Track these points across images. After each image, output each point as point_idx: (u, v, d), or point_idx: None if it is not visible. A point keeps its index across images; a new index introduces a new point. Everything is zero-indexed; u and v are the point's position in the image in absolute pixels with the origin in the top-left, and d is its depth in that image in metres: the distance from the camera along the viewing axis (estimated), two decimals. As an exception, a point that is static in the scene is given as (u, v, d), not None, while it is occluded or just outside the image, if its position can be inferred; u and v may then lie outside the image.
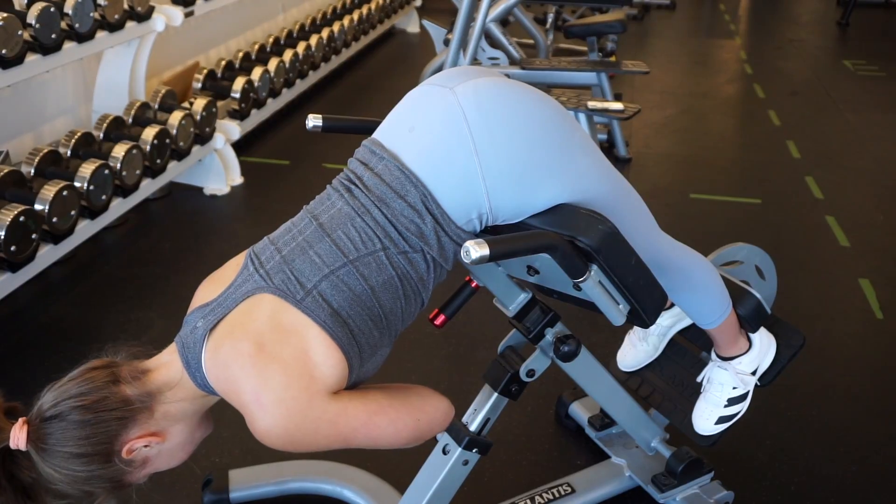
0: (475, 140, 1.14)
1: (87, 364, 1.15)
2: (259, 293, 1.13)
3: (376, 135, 1.25)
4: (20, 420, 1.09)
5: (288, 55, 4.22)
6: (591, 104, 3.38)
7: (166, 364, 1.16)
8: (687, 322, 1.73)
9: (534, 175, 1.17)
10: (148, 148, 3.03)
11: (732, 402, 1.61)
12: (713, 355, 1.64)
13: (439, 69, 3.77)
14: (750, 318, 1.57)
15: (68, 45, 2.70)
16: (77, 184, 2.67)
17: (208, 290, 1.20)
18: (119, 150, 2.89)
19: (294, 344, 1.09)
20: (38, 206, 2.50)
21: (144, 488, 1.27)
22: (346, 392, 1.14)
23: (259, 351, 1.08)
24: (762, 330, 1.63)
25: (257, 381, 1.07)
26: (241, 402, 1.09)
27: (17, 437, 1.07)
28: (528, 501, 1.74)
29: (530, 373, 1.45)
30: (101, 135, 3.05)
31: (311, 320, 1.10)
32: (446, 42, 4.21)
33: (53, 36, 2.60)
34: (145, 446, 1.12)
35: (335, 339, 1.10)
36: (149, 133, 3.05)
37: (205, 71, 3.81)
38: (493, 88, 1.18)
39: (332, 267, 1.13)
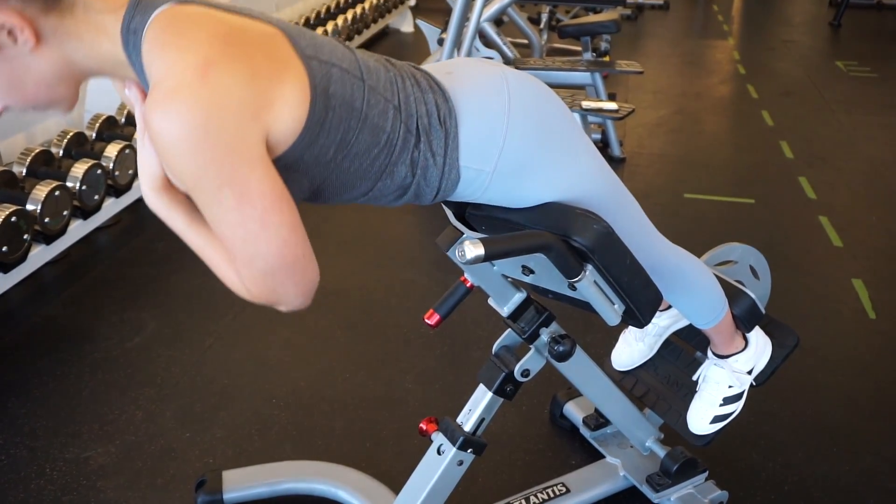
0: (511, 106, 1.13)
1: None
2: (264, 23, 0.97)
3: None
4: None
5: (281, 55, 4.20)
6: (585, 104, 3.38)
7: None
8: (683, 323, 1.73)
9: (540, 163, 1.17)
10: (141, 148, 3.01)
11: (728, 401, 1.61)
12: (709, 353, 1.65)
13: (433, 69, 3.76)
14: (745, 317, 1.58)
15: (60, 45, 2.68)
16: (69, 184, 2.66)
17: None
18: (112, 150, 2.87)
19: (276, 67, 0.93)
20: (30, 207, 2.48)
21: (138, 490, 1.25)
22: None
23: (237, 40, 0.91)
24: (757, 329, 1.63)
25: (219, 53, 0.89)
26: (178, 61, 0.88)
27: None
28: (523, 501, 1.74)
29: (525, 373, 1.45)
30: (94, 134, 3.04)
31: (305, 71, 0.96)
32: (440, 42, 4.20)
33: (45, 35, 2.58)
34: (9, 32, 0.90)
35: (311, 105, 0.96)
36: (142, 133, 3.03)
37: (198, 70, 3.80)
38: (533, 79, 1.21)
39: (350, 69, 1.02)
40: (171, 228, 1.06)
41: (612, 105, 3.40)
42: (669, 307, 1.72)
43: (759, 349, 1.64)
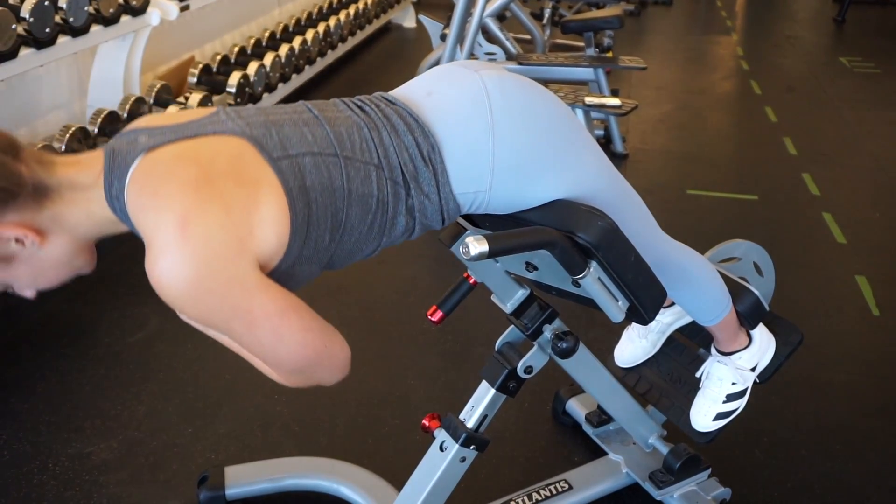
0: (494, 119, 1.12)
1: None
2: (229, 135, 1.00)
3: (389, 92, 1.21)
4: None
5: (284, 50, 4.20)
6: (588, 100, 3.37)
7: (82, 163, 1.01)
8: (687, 320, 1.73)
9: (539, 167, 1.16)
10: (143, 143, 3.01)
11: (731, 398, 1.61)
12: (713, 350, 1.64)
13: (436, 64, 3.76)
14: (748, 314, 1.57)
15: (62, 40, 2.68)
16: (71, 179, 2.66)
17: (158, 118, 1.05)
18: (114, 145, 2.87)
19: (248, 193, 0.96)
20: (32, 202, 2.48)
21: (140, 486, 1.25)
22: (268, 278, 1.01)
23: (207, 181, 0.94)
24: (761, 327, 1.62)
25: (193, 206, 0.92)
26: (160, 223, 0.93)
27: None
28: (526, 498, 1.73)
29: (528, 369, 1.45)
30: (96, 130, 3.04)
31: (278, 181, 0.98)
32: (443, 37, 4.19)
33: (47, 30, 2.58)
34: (16, 240, 0.97)
35: (292, 211, 0.99)
36: (144, 128, 3.03)
37: (200, 65, 3.80)
38: (514, 79, 1.19)
39: (323, 150, 1.04)
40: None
41: (615, 101, 3.39)
42: (673, 304, 1.72)
43: (762, 346, 1.63)
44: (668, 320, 1.75)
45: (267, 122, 1.04)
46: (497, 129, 1.12)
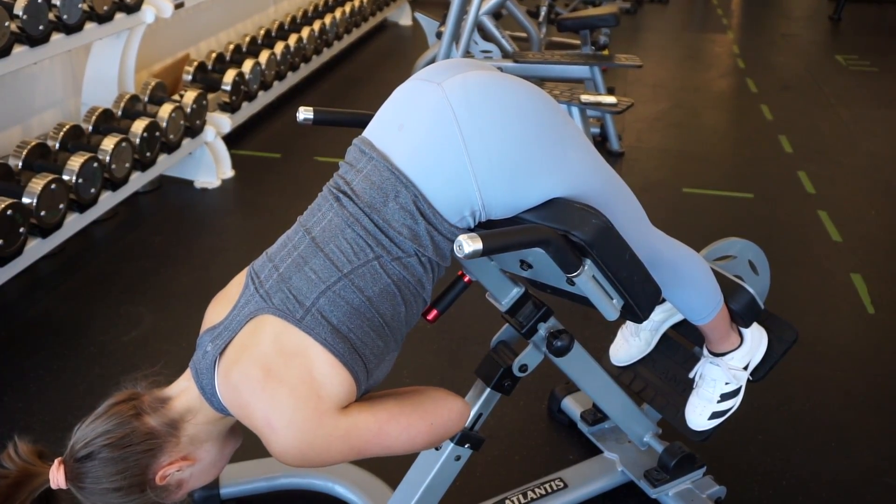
0: (464, 137, 1.12)
1: (110, 400, 1.18)
2: (261, 314, 1.14)
3: (366, 133, 1.23)
4: (56, 461, 1.14)
5: (279, 47, 4.19)
6: (584, 98, 3.37)
7: (184, 390, 1.18)
8: (679, 317, 1.73)
9: (526, 170, 1.16)
10: (137, 141, 3.00)
11: (725, 397, 1.61)
12: (705, 351, 1.64)
13: (431, 62, 3.75)
14: (743, 313, 1.57)
15: (56, 37, 2.67)
16: (66, 177, 2.65)
17: (216, 310, 1.22)
18: (108, 143, 2.86)
19: (299, 365, 1.10)
20: (25, 200, 2.47)
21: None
22: (355, 404, 1.14)
23: (266, 376, 1.09)
24: (754, 324, 1.62)
25: (267, 405, 1.09)
26: (255, 425, 1.11)
27: (56, 478, 1.13)
28: (521, 496, 1.73)
29: (523, 368, 1.45)
30: (90, 127, 3.03)
31: (312, 339, 1.11)
32: (439, 35, 4.19)
33: (41, 27, 2.57)
34: (178, 471, 1.15)
35: (338, 356, 1.11)
36: (138, 126, 3.02)
37: (195, 63, 3.79)
38: (481, 82, 1.16)
39: (328, 283, 1.13)
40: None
41: (611, 99, 3.39)
42: (663, 300, 1.71)
43: (753, 345, 1.63)
44: (659, 317, 1.74)
45: (279, 279, 1.16)
46: (469, 146, 1.12)
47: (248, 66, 3.84)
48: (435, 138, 1.14)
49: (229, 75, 3.68)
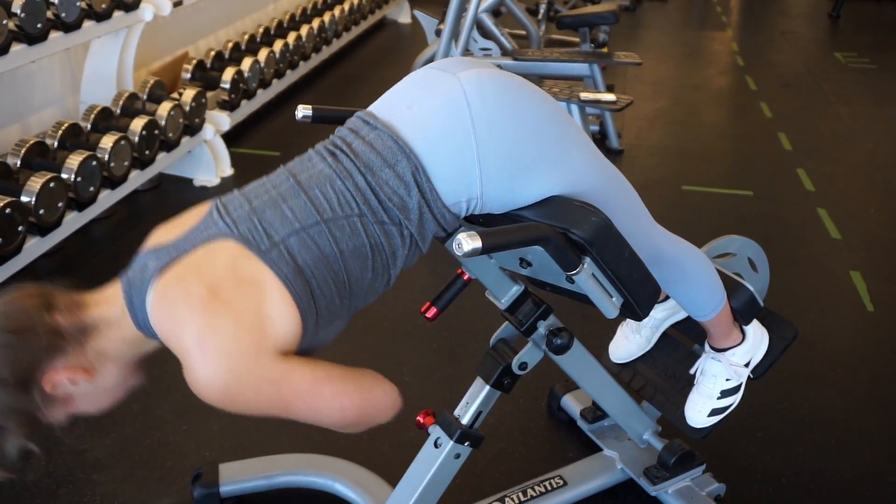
0: (475, 125, 1.12)
1: (19, 289, 1.08)
2: (221, 239, 1.07)
3: (371, 108, 1.22)
4: None
5: (278, 45, 4.19)
6: (584, 95, 3.36)
7: (107, 299, 1.11)
8: (681, 315, 1.73)
9: (528, 166, 1.16)
10: (136, 139, 3.00)
11: (725, 394, 1.61)
12: (706, 347, 1.64)
13: (430, 60, 3.75)
14: (743, 310, 1.57)
15: (54, 35, 2.67)
16: (64, 175, 2.64)
17: (165, 232, 1.13)
18: (107, 142, 2.85)
19: (251, 295, 1.04)
20: (24, 198, 2.47)
21: (134, 483, 1.25)
22: (295, 357, 1.08)
23: (212, 296, 1.02)
24: (755, 322, 1.62)
25: (205, 325, 1.02)
26: (183, 346, 1.02)
27: None
28: (521, 494, 1.73)
29: (522, 366, 1.44)
30: (89, 126, 3.02)
31: (272, 273, 1.05)
32: (438, 33, 4.18)
33: (39, 25, 2.56)
34: (70, 382, 1.06)
35: (294, 296, 1.05)
36: (137, 124, 3.02)
37: (194, 61, 3.78)
38: (495, 77, 1.18)
39: (304, 223, 1.08)
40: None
41: (611, 97, 3.39)
42: (667, 299, 1.72)
43: (755, 342, 1.63)
44: (661, 315, 1.74)
45: (251, 211, 1.10)
46: (479, 135, 1.12)
47: (247, 64, 3.83)
48: (445, 121, 1.13)
49: (228, 73, 3.68)
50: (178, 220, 1.15)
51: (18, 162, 2.69)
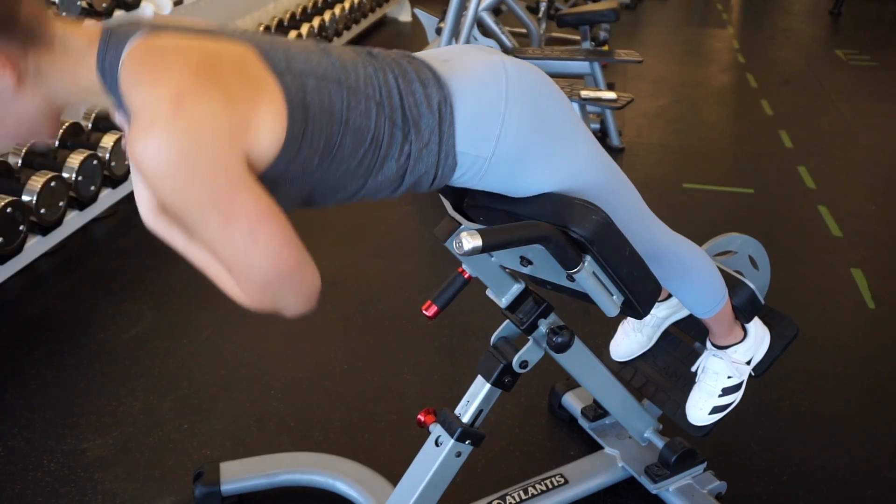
0: (508, 94, 1.12)
1: None
2: (241, 42, 0.99)
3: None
4: None
5: (278, 44, 4.18)
6: (584, 93, 3.36)
7: (80, 29, 0.99)
8: (682, 313, 1.73)
9: (540, 150, 1.16)
10: (137, 138, 2.99)
11: (727, 391, 1.61)
12: (708, 344, 1.64)
13: (431, 58, 3.74)
14: (744, 308, 1.57)
15: (55, 34, 2.66)
16: (65, 174, 2.65)
17: (163, 19, 1.05)
18: (108, 141, 2.86)
19: (249, 90, 0.95)
20: (25, 197, 2.47)
21: (136, 482, 1.25)
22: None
23: (211, 66, 0.93)
24: (756, 320, 1.62)
25: (191, 85, 0.91)
26: (153, 95, 0.90)
27: None
28: (521, 492, 1.73)
29: (523, 364, 1.44)
30: (90, 125, 3.02)
31: (279, 89, 0.97)
32: (438, 31, 4.18)
33: (40, 24, 2.56)
34: None
35: (289, 121, 0.98)
36: (138, 123, 3.02)
37: (194, 60, 3.77)
38: (529, 65, 1.20)
39: (325, 76, 1.03)
40: (172, 247, 1.09)
41: (611, 94, 3.39)
42: (668, 297, 1.72)
43: (757, 339, 1.63)
44: (663, 314, 1.74)
45: (273, 41, 1.03)
46: (510, 107, 1.12)
47: (247, 62, 3.82)
48: (482, 78, 1.13)
49: (229, 72, 3.67)
50: (177, 17, 1.06)
51: (20, 161, 2.70)
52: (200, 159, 0.90)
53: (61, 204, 2.60)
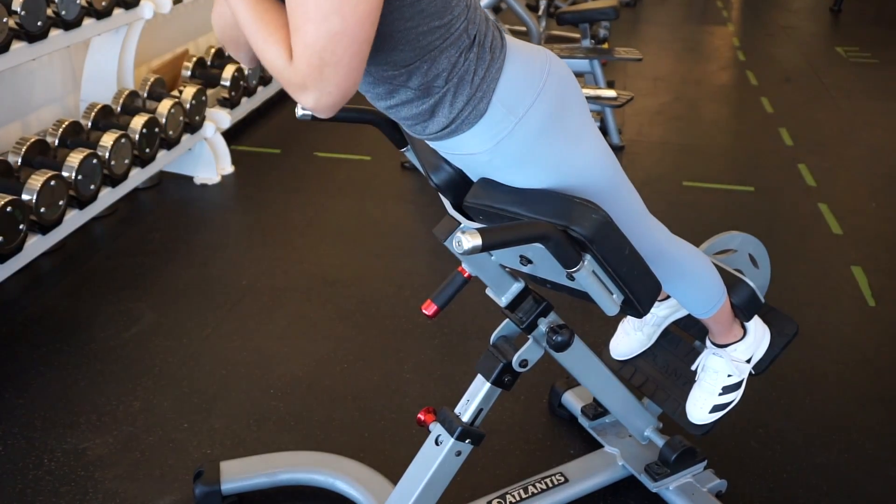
0: (548, 79, 1.16)
1: None
2: None
3: None
4: None
5: (278, 43, 4.17)
6: (584, 91, 3.36)
7: None
8: (682, 312, 1.73)
9: (554, 141, 1.17)
10: (137, 137, 2.99)
11: (727, 390, 1.61)
12: (708, 343, 1.64)
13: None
14: (744, 307, 1.57)
15: (55, 33, 2.66)
16: (65, 173, 2.64)
17: None
18: (107, 139, 2.85)
19: None
20: (25, 196, 2.47)
21: (136, 481, 1.25)
22: None
23: None
24: (756, 318, 1.62)
25: None
26: None
27: None
28: (522, 491, 1.73)
29: (523, 363, 1.44)
30: (90, 124, 3.02)
31: None
32: (438, 29, 4.16)
33: (39, 23, 2.56)
34: None
35: None
36: (137, 122, 3.02)
37: (194, 59, 3.77)
38: (564, 63, 1.23)
39: None
40: (233, 9, 1.04)
41: (611, 92, 3.38)
42: (668, 297, 1.72)
43: (757, 337, 1.63)
44: (663, 313, 1.74)
45: None
46: (548, 82, 1.16)
47: (247, 61, 3.82)
48: (530, 56, 1.18)
49: (228, 71, 3.67)
50: None
51: (19, 160, 2.69)
52: None
53: (61, 203, 2.60)
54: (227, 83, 3.66)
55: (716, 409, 1.62)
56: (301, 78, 0.98)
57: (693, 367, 1.68)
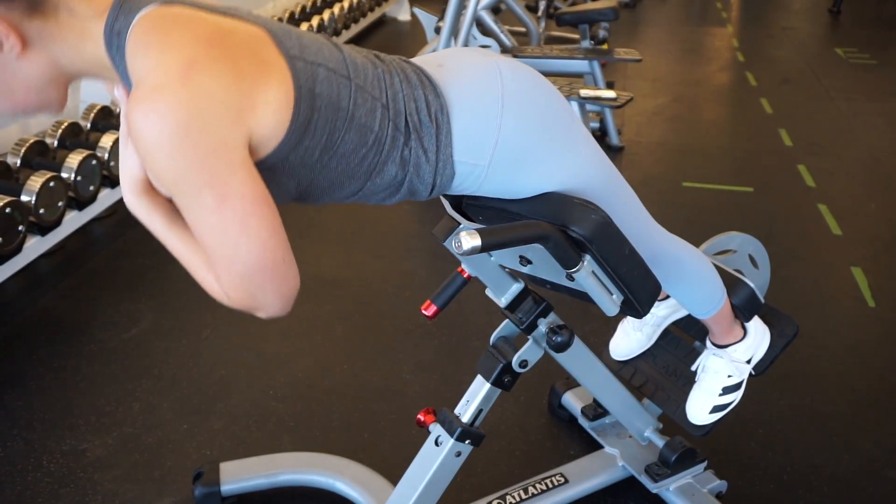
0: (504, 99, 1.11)
1: None
2: (251, 23, 0.97)
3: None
4: None
5: (278, 44, 4.17)
6: (584, 92, 3.36)
7: None
8: (682, 313, 1.73)
9: (537, 153, 1.16)
10: (136, 138, 2.99)
11: (727, 390, 1.61)
12: (708, 343, 1.64)
13: (430, 57, 3.74)
14: (744, 307, 1.57)
15: (54, 34, 2.66)
16: (64, 174, 2.64)
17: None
18: (107, 140, 2.85)
19: (260, 70, 0.93)
20: (24, 198, 2.47)
21: (135, 483, 1.25)
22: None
23: (222, 40, 0.91)
24: (756, 319, 1.62)
25: (204, 56, 0.88)
26: (162, 61, 0.88)
27: None
28: (522, 492, 1.73)
29: (523, 363, 1.44)
30: (89, 125, 3.02)
31: (290, 73, 0.95)
32: (437, 30, 4.18)
33: (38, 24, 2.56)
34: None
35: (296, 107, 0.95)
36: (137, 123, 3.01)
37: (193, 60, 3.77)
38: (524, 66, 1.19)
39: (336, 69, 1.02)
40: (151, 232, 1.05)
41: (611, 93, 3.39)
42: (668, 297, 1.71)
43: (757, 338, 1.63)
44: (663, 313, 1.74)
45: (287, 29, 1.02)
46: (506, 111, 1.11)
47: (246, 62, 3.82)
48: (479, 82, 1.12)
49: (228, 72, 3.67)
50: None
51: (18, 161, 2.70)
52: (204, 133, 0.87)
53: (60, 204, 2.60)
54: (227, 84, 3.66)
55: (716, 409, 1.62)
56: (241, 305, 0.99)
57: (693, 368, 1.68)
